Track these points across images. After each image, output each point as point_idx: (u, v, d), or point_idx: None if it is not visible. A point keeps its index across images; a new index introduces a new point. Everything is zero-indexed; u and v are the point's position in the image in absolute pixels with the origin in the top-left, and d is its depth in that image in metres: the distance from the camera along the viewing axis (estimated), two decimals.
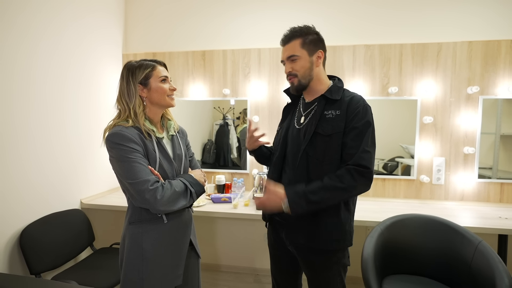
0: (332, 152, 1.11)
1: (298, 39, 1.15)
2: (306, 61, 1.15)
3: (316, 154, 1.12)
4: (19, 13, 1.64)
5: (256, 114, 2.44)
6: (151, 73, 1.12)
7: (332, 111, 1.13)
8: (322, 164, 1.12)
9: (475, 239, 1.45)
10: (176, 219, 1.17)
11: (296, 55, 1.15)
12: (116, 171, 1.07)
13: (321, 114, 1.14)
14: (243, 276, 2.46)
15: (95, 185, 2.29)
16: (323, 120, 1.13)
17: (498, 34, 2.10)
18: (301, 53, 1.15)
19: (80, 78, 2.11)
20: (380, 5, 2.24)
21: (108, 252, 1.97)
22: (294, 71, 1.17)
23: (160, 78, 1.13)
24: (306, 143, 1.13)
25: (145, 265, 1.09)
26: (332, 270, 1.18)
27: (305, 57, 1.15)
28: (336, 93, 1.16)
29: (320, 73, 1.20)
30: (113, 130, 1.06)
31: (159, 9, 2.56)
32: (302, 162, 1.14)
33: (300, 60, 1.15)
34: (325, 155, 1.11)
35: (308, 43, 1.15)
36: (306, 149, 1.14)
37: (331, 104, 1.15)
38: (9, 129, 1.61)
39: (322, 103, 1.16)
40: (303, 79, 1.17)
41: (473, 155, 2.15)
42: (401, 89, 2.22)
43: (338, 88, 1.18)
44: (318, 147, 1.12)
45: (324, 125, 1.12)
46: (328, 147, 1.11)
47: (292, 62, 1.17)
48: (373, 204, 2.14)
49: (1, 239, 1.57)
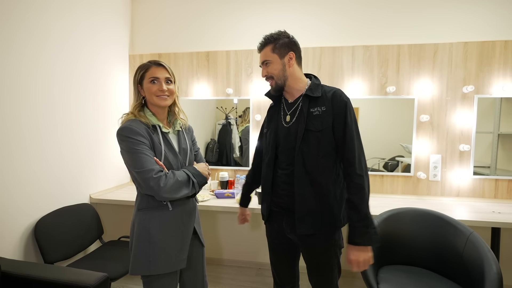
0: (325, 144, 1.21)
1: (270, 45, 1.26)
2: (278, 63, 1.26)
3: (311, 150, 1.22)
4: (26, 12, 1.68)
5: (258, 113, 2.52)
6: (144, 74, 1.23)
7: (317, 107, 1.23)
8: (317, 158, 1.22)
9: (467, 230, 1.52)
10: (180, 207, 1.26)
11: (268, 60, 1.27)
12: (126, 162, 1.18)
13: (308, 112, 1.24)
14: (246, 270, 2.53)
15: (103, 181, 2.38)
16: (311, 117, 1.23)
17: (493, 35, 2.17)
18: (272, 57, 1.26)
19: (88, 77, 2.17)
20: (378, 7, 2.32)
21: (116, 244, 2.06)
22: (269, 74, 1.28)
23: (149, 79, 1.22)
24: (300, 141, 1.22)
25: (152, 248, 1.19)
26: (330, 252, 1.28)
27: (276, 60, 1.26)
28: (316, 90, 1.26)
29: (295, 72, 1.29)
30: (124, 125, 1.17)
31: (164, 11, 2.65)
32: (299, 158, 1.23)
33: (272, 64, 1.26)
34: (319, 149, 1.22)
35: (279, 47, 1.25)
36: (301, 147, 1.23)
37: (315, 102, 1.25)
38: (32, 126, 1.71)
39: (306, 101, 1.26)
40: (279, 80, 1.27)
41: (468, 152, 2.22)
42: (398, 88, 2.29)
43: (317, 86, 1.28)
44: (312, 143, 1.22)
45: (313, 122, 1.22)
46: (321, 141, 1.21)
47: (266, 66, 1.28)
48: (371, 200, 2.17)
49: (18, 229, 1.67)
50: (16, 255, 1.66)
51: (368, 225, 1.16)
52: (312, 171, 1.22)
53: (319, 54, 2.38)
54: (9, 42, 1.59)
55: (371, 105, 2.33)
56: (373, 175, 2.35)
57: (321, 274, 1.31)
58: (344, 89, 2.32)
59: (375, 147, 2.34)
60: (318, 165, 1.21)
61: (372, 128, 2.33)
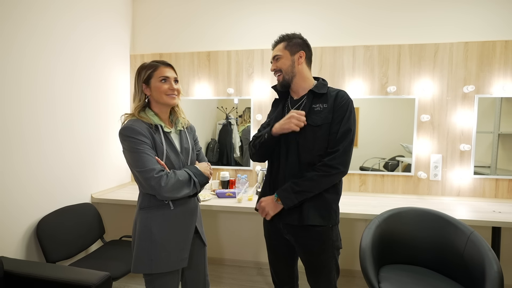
0: (321, 141, 1.24)
1: (283, 43, 1.32)
2: (288, 59, 1.30)
3: (306, 143, 1.25)
4: (27, 12, 1.67)
5: (259, 112, 2.52)
6: (153, 73, 1.23)
7: (319, 104, 1.27)
8: (312, 152, 1.25)
9: (467, 230, 1.53)
10: (182, 206, 1.27)
11: (279, 54, 1.32)
12: (128, 161, 1.18)
13: (309, 107, 1.27)
14: (247, 270, 2.54)
15: (104, 180, 2.38)
16: (312, 112, 1.26)
17: (494, 35, 2.18)
18: (284, 53, 1.31)
19: (88, 77, 2.18)
20: (379, 7, 2.32)
21: (118, 244, 2.06)
22: (277, 68, 1.33)
23: (160, 78, 1.23)
24: (298, 133, 1.24)
25: (154, 247, 1.20)
26: (328, 253, 1.28)
27: (287, 56, 1.30)
28: (322, 88, 1.30)
29: (303, 71, 1.32)
30: (125, 124, 1.18)
31: (165, 10, 2.66)
32: (293, 149, 1.27)
33: (282, 59, 1.31)
34: (314, 144, 1.24)
35: (291, 45, 1.30)
36: (297, 138, 1.26)
37: (318, 98, 1.28)
38: (33, 126, 1.71)
39: (310, 97, 1.29)
40: (286, 75, 1.31)
41: (469, 152, 2.22)
42: (399, 88, 2.30)
43: (323, 85, 1.32)
44: (308, 137, 1.24)
45: (314, 116, 1.25)
46: (318, 137, 1.24)
47: (276, 61, 1.33)
48: (372, 199, 2.22)
49: (20, 229, 1.68)
50: (19, 255, 1.66)
51: (296, 192, 1.22)
52: (304, 164, 1.25)
53: (320, 54, 2.39)
54: (9, 42, 1.60)
55: (372, 105, 2.34)
56: (373, 175, 2.36)
57: (319, 275, 1.31)
58: (345, 89, 2.33)
59: (376, 147, 2.35)
60: (312, 160, 1.25)
61: (373, 128, 2.34)
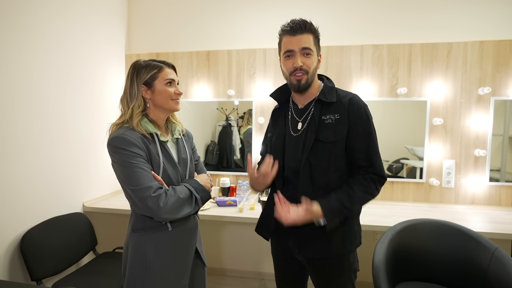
0: (338, 159, 1.07)
1: (311, 34, 1.06)
2: (316, 60, 1.09)
3: (320, 163, 1.07)
4: (21, 13, 1.61)
5: (261, 115, 2.39)
6: (157, 74, 1.07)
7: (330, 115, 1.07)
8: (328, 173, 1.07)
9: (491, 246, 1.40)
10: (181, 226, 1.12)
11: (311, 49, 1.05)
12: (118, 177, 1.03)
13: (319, 120, 1.08)
14: (248, 281, 2.42)
15: (97, 187, 2.25)
16: (322, 126, 1.07)
17: (511, 34, 2.05)
18: (314, 49, 1.07)
19: (83, 79, 2.07)
20: (388, 5, 2.19)
21: (111, 256, 1.93)
22: (305, 67, 1.05)
23: (166, 81, 1.08)
24: (308, 152, 1.07)
25: (149, 275, 1.05)
26: (344, 276, 1.14)
27: (315, 54, 1.07)
28: (330, 94, 1.10)
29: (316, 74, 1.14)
30: (115, 134, 1.02)
31: (162, 9, 2.52)
32: (305, 171, 1.08)
33: (312, 57, 1.06)
34: (330, 163, 1.07)
35: (317, 42, 1.10)
36: (309, 158, 1.07)
37: (328, 108, 1.09)
38: (11, 131, 1.57)
39: (317, 107, 1.10)
40: (311, 78, 1.08)
41: (484, 157, 2.10)
42: (410, 90, 2.17)
43: (331, 89, 1.12)
44: (322, 155, 1.07)
45: (325, 131, 1.06)
46: (332, 154, 1.06)
47: (306, 56, 1.06)
48: (381, 208, 2.09)
49: (1, 243, 1.53)
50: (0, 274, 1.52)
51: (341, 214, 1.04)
52: (320, 188, 1.07)
53: (325, 54, 2.25)
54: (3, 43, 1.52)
55: (379, 107, 2.21)
56: None
57: None
58: (352, 90, 2.18)
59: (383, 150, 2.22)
60: (328, 181, 1.07)
61: (381, 130, 2.21)
